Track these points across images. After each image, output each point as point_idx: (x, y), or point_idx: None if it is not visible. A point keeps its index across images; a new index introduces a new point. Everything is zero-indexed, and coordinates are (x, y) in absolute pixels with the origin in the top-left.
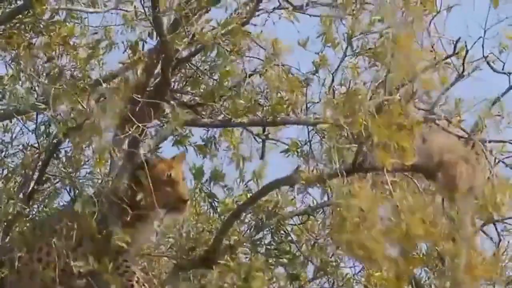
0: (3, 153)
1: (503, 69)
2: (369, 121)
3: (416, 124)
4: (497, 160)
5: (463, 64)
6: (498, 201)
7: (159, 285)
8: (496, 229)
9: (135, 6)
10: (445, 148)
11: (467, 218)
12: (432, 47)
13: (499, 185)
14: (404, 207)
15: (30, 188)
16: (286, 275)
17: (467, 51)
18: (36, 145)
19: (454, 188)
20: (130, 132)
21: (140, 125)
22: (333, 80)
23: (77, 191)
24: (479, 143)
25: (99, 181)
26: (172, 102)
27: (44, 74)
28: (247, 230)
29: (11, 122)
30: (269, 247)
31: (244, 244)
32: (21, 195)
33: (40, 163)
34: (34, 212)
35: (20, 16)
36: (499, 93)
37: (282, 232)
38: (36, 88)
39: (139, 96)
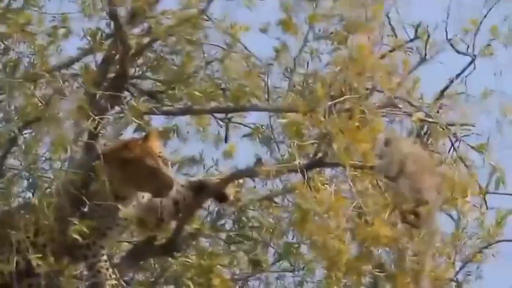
0: None
1: (467, 51)
2: (328, 122)
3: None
4: (460, 142)
5: (425, 47)
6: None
7: (119, 273)
8: (456, 207)
9: None
10: (407, 157)
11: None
12: (394, 31)
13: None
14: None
15: None
16: (247, 261)
17: (429, 35)
18: None
19: (421, 200)
20: (87, 124)
21: (96, 118)
22: (294, 66)
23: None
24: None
25: (57, 167)
26: (131, 91)
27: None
28: (207, 216)
29: None
30: (230, 233)
31: (206, 231)
32: None
33: None
34: None
35: None
36: (463, 75)
37: (244, 218)
38: None
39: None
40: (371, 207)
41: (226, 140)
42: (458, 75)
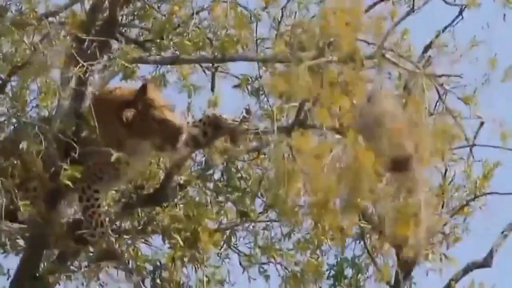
0: None
1: (455, 1)
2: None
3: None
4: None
5: None
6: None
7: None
8: (442, 159)
9: None
10: (385, 116)
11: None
12: None
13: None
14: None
15: None
16: (236, 211)
17: None
18: None
19: (402, 159)
20: (76, 70)
21: (85, 64)
22: (282, 16)
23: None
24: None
25: (46, 115)
26: (120, 39)
27: None
28: (194, 164)
29: None
30: (219, 184)
31: (194, 182)
32: None
33: None
34: None
35: None
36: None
37: (233, 169)
38: None
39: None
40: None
41: (212, 89)
42: (446, 27)
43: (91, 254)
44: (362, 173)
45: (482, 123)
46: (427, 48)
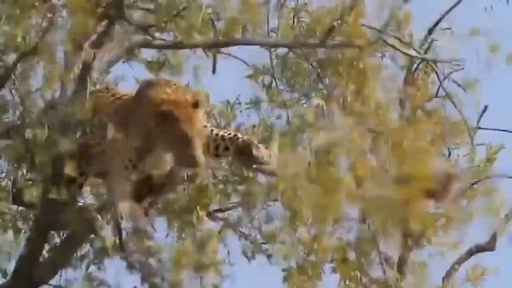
0: None
1: None
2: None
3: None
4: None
5: None
6: None
7: None
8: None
9: None
10: None
11: None
12: None
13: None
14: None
15: None
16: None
17: None
18: None
19: None
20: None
21: (92, 51)
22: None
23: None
24: None
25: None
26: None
27: None
28: None
29: None
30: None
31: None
32: None
33: None
34: None
35: None
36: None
37: None
38: None
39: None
40: None
41: (214, 71)
42: (448, 11)
43: None
44: None
45: (485, 107)
46: (430, 31)
